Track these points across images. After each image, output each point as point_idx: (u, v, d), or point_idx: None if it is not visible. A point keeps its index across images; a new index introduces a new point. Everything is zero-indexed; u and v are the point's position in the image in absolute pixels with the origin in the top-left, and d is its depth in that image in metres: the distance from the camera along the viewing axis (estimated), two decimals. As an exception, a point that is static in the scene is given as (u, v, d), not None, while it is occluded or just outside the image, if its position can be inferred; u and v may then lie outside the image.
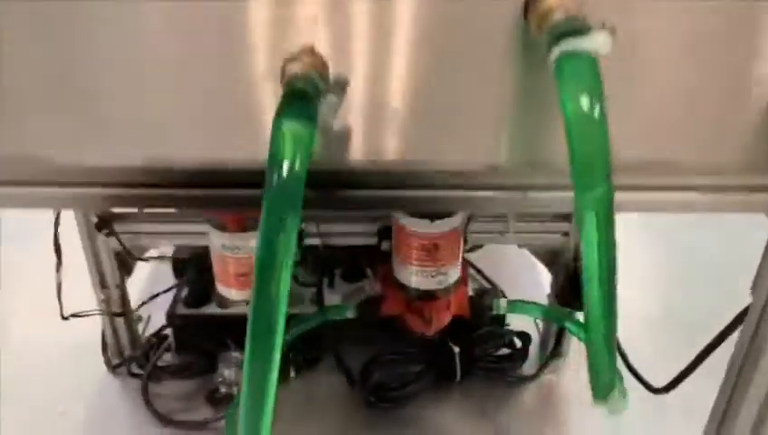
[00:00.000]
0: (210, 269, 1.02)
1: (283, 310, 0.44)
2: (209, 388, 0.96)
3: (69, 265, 0.90)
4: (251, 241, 0.79)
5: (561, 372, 1.03)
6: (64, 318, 0.91)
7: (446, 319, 0.88)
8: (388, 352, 0.98)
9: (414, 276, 0.83)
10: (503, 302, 0.92)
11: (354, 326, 0.98)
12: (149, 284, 1.11)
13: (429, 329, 0.86)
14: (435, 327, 0.87)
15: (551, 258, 0.98)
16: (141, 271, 1.06)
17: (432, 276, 0.83)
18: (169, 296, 1.03)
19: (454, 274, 0.84)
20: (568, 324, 0.88)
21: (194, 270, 1.05)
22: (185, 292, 1.07)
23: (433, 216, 0.79)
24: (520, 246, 0.97)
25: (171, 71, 0.46)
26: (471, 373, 0.99)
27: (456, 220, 0.80)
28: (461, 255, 0.84)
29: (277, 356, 0.46)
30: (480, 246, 1.02)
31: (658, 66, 0.46)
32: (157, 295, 1.08)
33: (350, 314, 0.91)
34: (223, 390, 0.95)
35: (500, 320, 1.03)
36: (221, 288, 0.85)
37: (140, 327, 1.05)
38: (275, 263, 0.42)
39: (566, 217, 0.92)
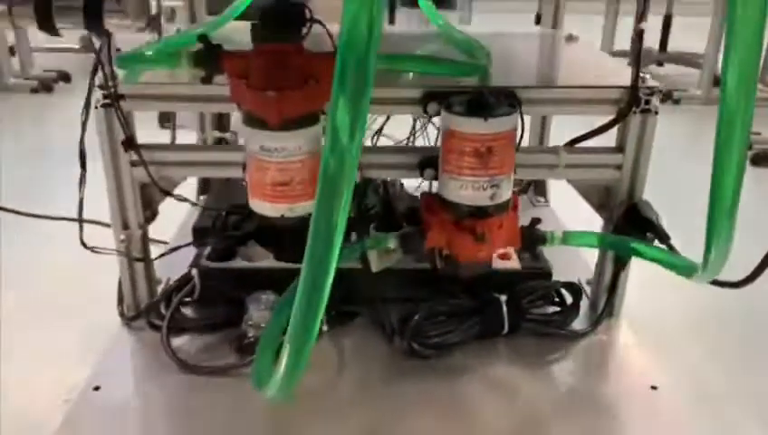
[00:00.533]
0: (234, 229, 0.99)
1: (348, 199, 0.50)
2: (235, 335, 0.88)
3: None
4: (295, 140, 0.74)
5: (612, 332, 0.95)
6: (84, 246, 0.84)
7: (498, 241, 0.81)
8: (429, 303, 0.90)
9: (464, 190, 0.78)
10: (558, 233, 0.86)
11: (390, 282, 0.92)
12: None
13: (481, 251, 0.80)
14: (487, 249, 0.80)
15: (601, 198, 0.93)
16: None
17: (484, 189, 0.77)
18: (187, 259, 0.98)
19: (506, 188, 0.79)
20: (634, 245, 0.82)
21: (217, 236, 1.01)
22: (207, 251, 1.02)
23: (487, 114, 0.74)
24: (569, 181, 0.92)
25: None
26: (518, 328, 0.91)
27: (510, 120, 0.76)
28: (514, 167, 0.79)
29: (336, 254, 0.53)
30: (530, 184, 0.96)
31: None
32: (177, 248, 1.02)
33: (391, 244, 0.85)
34: (251, 334, 0.87)
35: (548, 276, 0.98)
36: (255, 203, 0.79)
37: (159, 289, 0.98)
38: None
39: (620, 149, 0.88)
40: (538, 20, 1.34)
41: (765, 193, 0.83)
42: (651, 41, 3.45)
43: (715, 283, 0.72)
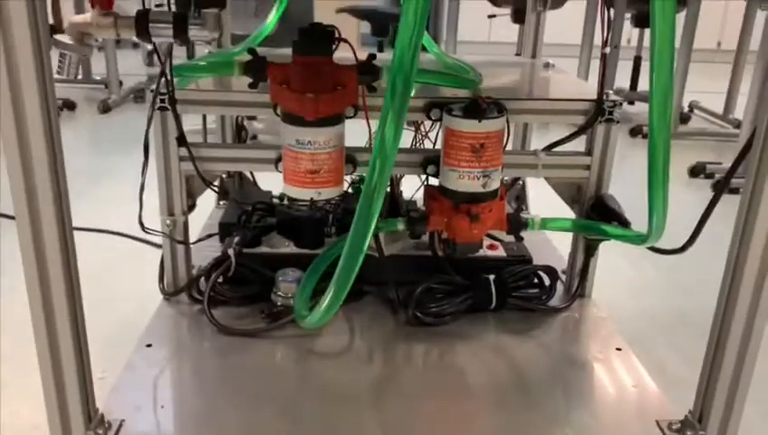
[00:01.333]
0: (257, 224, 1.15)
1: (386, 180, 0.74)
2: (265, 305, 1.04)
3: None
4: (325, 135, 0.90)
5: (584, 309, 1.12)
6: (142, 226, 0.99)
7: (489, 222, 0.98)
8: (429, 281, 1.06)
9: (461, 180, 0.95)
10: (537, 218, 1.03)
11: (396, 266, 1.08)
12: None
13: (475, 229, 0.96)
14: (480, 228, 0.97)
15: (573, 194, 1.10)
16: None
17: (478, 178, 0.94)
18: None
19: (496, 179, 0.96)
20: (605, 227, 0.99)
21: (242, 230, 1.16)
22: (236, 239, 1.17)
23: (480, 116, 0.92)
24: (546, 180, 1.10)
25: None
26: (505, 303, 1.08)
27: (499, 122, 0.93)
28: (502, 161, 0.96)
29: (373, 223, 0.75)
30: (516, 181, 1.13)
31: None
32: (211, 236, 1.17)
33: (400, 227, 1.01)
34: (280, 303, 1.02)
35: (528, 262, 1.14)
36: (288, 189, 0.94)
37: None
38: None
39: (588, 153, 1.05)
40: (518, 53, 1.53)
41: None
42: (623, 81, 3.70)
43: (663, 251, 0.90)
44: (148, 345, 0.96)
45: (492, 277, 1.07)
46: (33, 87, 0.62)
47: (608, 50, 1.02)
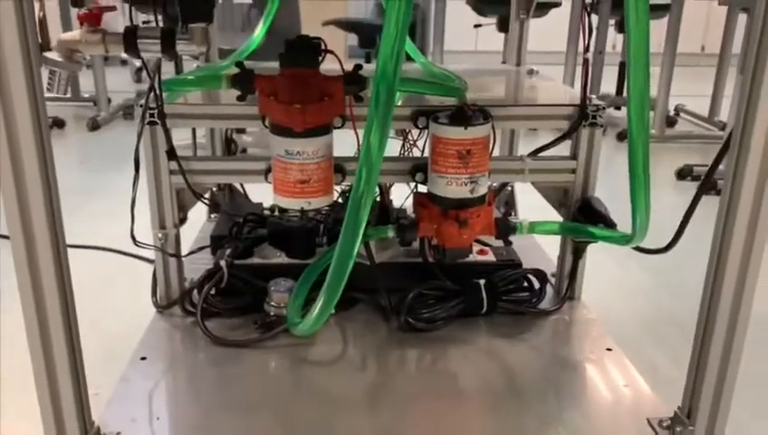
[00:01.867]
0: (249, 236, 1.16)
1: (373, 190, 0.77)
2: (258, 316, 1.04)
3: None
4: (313, 145, 0.92)
5: (574, 311, 1.13)
6: (134, 240, 1.00)
7: (478, 227, 0.99)
8: (420, 287, 1.07)
9: (449, 186, 0.96)
10: (526, 222, 1.04)
11: (386, 271, 1.09)
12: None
13: (464, 235, 0.98)
14: (469, 233, 0.98)
15: (560, 198, 1.12)
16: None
17: (465, 184, 0.96)
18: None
19: (483, 184, 0.97)
20: (591, 229, 1.00)
21: (234, 242, 1.17)
22: (227, 251, 1.18)
23: (466, 123, 0.93)
24: (533, 184, 1.11)
25: None
26: (495, 308, 1.09)
27: (485, 129, 0.95)
28: (488, 166, 0.98)
29: (362, 231, 0.77)
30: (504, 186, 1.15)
31: None
32: (202, 248, 1.18)
33: (390, 234, 1.02)
34: (273, 313, 1.03)
35: (518, 267, 1.16)
36: (278, 199, 0.96)
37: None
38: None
39: (574, 157, 1.07)
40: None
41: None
42: (609, 87, 3.74)
43: (649, 251, 0.92)
44: (143, 358, 0.97)
45: (482, 282, 1.08)
46: (25, 106, 0.63)
47: (590, 55, 1.04)
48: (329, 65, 0.92)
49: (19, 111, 0.63)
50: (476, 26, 3.23)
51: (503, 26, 3.16)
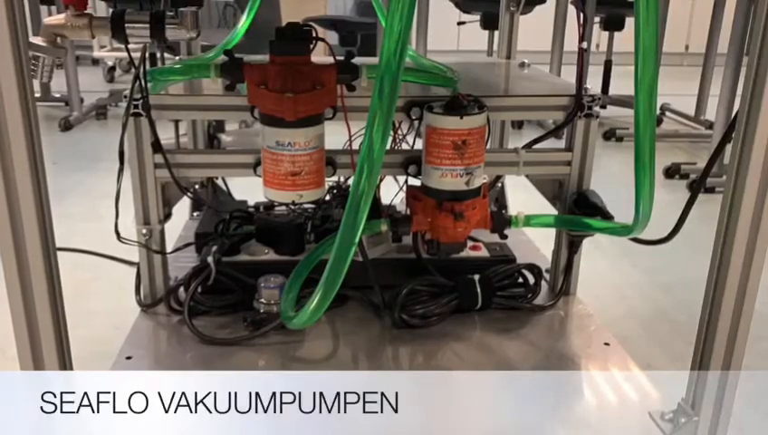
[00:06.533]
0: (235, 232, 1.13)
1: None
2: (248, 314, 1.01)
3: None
4: (305, 136, 0.89)
5: (569, 306, 1.11)
6: (118, 235, 0.96)
7: (473, 220, 0.97)
8: (413, 283, 1.05)
9: (444, 178, 0.94)
10: (521, 215, 1.02)
11: (379, 268, 1.07)
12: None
13: (459, 228, 0.95)
14: (464, 226, 0.96)
15: (555, 191, 1.10)
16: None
17: (461, 176, 0.93)
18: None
19: (479, 176, 0.95)
20: (589, 221, 0.98)
21: (220, 239, 1.14)
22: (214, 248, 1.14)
23: (462, 113, 0.91)
24: (528, 177, 1.09)
25: None
26: (490, 303, 1.06)
27: (481, 118, 0.93)
28: (484, 157, 0.95)
29: (362, 224, 0.74)
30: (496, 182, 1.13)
31: None
32: (188, 245, 1.15)
33: (384, 228, 1.00)
34: (262, 310, 1.00)
35: (512, 262, 1.13)
36: (269, 192, 0.93)
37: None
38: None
39: (569, 149, 1.05)
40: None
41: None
42: (594, 86, 3.74)
43: (648, 242, 0.90)
44: (128, 358, 0.93)
45: (477, 277, 1.06)
46: (16, 107, 0.62)
47: (585, 44, 1.02)
48: (318, 57, 0.89)
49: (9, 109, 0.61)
50: (460, 24, 3.21)
51: (486, 24, 3.15)
